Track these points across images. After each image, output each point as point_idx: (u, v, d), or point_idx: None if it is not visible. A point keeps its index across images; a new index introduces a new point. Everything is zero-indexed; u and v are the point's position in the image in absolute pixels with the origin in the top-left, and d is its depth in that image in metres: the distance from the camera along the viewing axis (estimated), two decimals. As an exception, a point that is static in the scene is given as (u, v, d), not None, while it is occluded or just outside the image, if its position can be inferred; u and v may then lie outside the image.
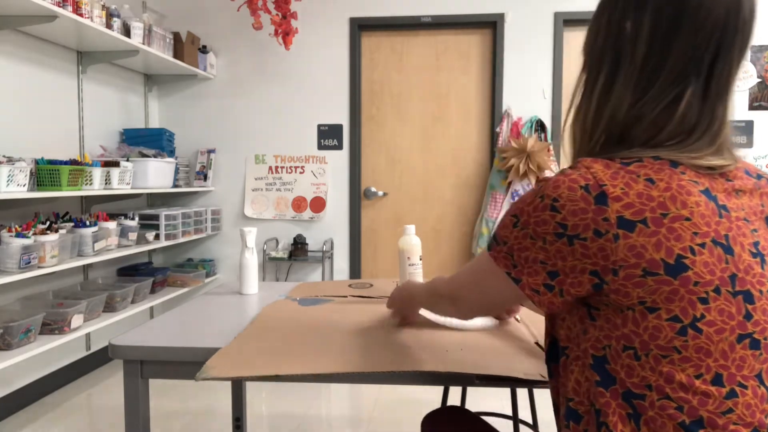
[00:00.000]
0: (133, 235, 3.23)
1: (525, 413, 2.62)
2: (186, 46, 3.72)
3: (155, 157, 3.49)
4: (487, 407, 2.75)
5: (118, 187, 3.09)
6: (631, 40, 0.79)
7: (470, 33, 3.96)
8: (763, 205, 0.79)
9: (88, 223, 2.85)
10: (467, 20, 3.89)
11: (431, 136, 4.03)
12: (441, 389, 3.00)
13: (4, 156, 2.50)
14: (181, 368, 1.18)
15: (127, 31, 3.18)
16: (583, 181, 0.73)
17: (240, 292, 1.71)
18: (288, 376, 1.03)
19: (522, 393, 2.84)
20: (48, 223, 2.63)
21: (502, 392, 2.95)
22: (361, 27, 3.98)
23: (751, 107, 3.72)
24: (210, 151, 4.09)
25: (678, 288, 0.69)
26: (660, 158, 0.75)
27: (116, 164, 3.08)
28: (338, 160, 4.03)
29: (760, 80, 3.70)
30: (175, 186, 3.78)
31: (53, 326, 2.60)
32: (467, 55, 3.97)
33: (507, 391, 2.94)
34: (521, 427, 2.25)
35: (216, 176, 4.13)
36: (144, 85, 3.98)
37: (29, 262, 2.37)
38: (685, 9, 0.75)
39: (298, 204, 4.08)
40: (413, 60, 4.01)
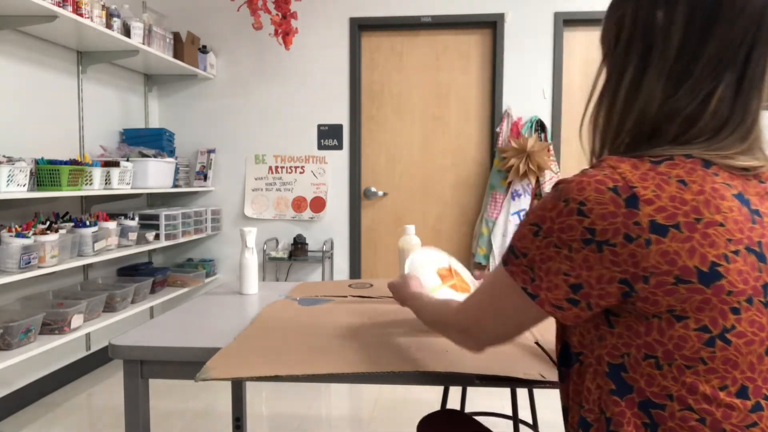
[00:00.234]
0: (133, 235, 3.23)
1: (525, 413, 2.62)
2: (186, 46, 3.72)
3: (155, 157, 3.49)
4: (487, 407, 2.75)
5: (118, 187, 3.09)
6: (664, 31, 0.74)
7: (470, 33, 3.96)
8: None
9: (88, 223, 2.85)
10: (467, 20, 3.89)
11: (431, 136, 4.03)
12: (441, 389, 3.00)
13: (4, 156, 2.50)
14: (181, 368, 1.18)
15: (127, 31, 3.18)
16: (611, 183, 0.69)
17: (240, 292, 1.71)
18: (288, 376, 1.03)
19: (522, 393, 2.84)
20: (48, 223, 2.63)
21: (502, 392, 2.95)
22: (361, 27, 3.98)
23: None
24: (210, 151, 4.09)
25: (710, 297, 0.66)
26: (692, 156, 0.71)
27: (116, 164, 3.08)
28: (338, 160, 4.03)
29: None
30: (175, 186, 3.78)
31: (53, 326, 2.60)
32: (467, 55, 3.97)
33: (507, 391, 2.94)
34: (521, 427, 2.25)
35: (216, 176, 4.13)
36: (144, 85, 3.98)
37: (29, 262, 2.37)
38: (722, 0, 0.72)
39: (298, 204, 4.08)
40: (413, 60, 4.01)
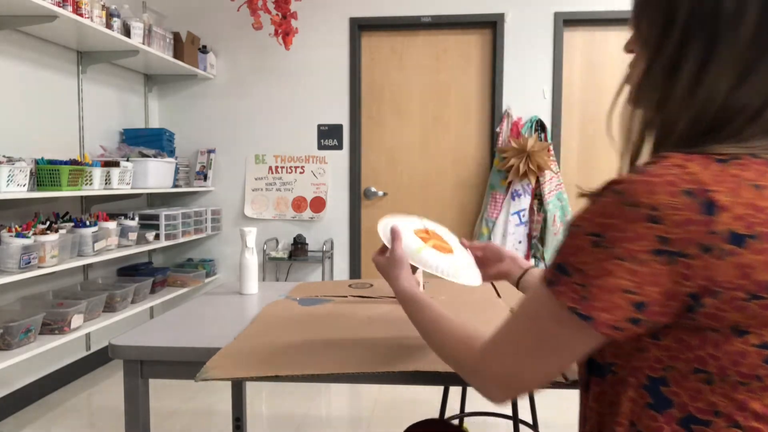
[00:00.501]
0: (133, 235, 3.23)
1: (525, 413, 2.62)
2: (186, 46, 3.72)
3: (155, 157, 3.49)
4: (487, 407, 2.75)
5: (118, 187, 3.09)
6: (734, 21, 0.66)
7: (470, 33, 3.96)
8: None
9: (88, 223, 2.85)
10: (467, 20, 3.89)
11: (431, 136, 4.03)
12: (441, 389, 3.00)
13: (4, 156, 2.50)
14: (181, 368, 1.18)
15: (127, 31, 3.18)
16: (684, 185, 0.61)
17: (240, 292, 1.71)
18: (288, 376, 1.03)
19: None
20: (48, 223, 2.63)
21: (502, 392, 2.95)
22: (361, 27, 3.98)
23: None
24: (210, 151, 4.09)
25: None
26: (758, 156, 0.65)
27: (116, 164, 3.08)
28: (338, 160, 4.03)
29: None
30: (175, 186, 3.78)
31: (53, 326, 2.60)
32: (467, 55, 3.97)
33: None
34: (521, 427, 2.26)
35: (216, 176, 4.13)
36: (144, 85, 3.98)
37: (29, 262, 2.37)
38: None
39: (298, 204, 4.08)
40: (413, 60, 4.01)
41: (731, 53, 0.66)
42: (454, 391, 2.91)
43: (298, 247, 3.90)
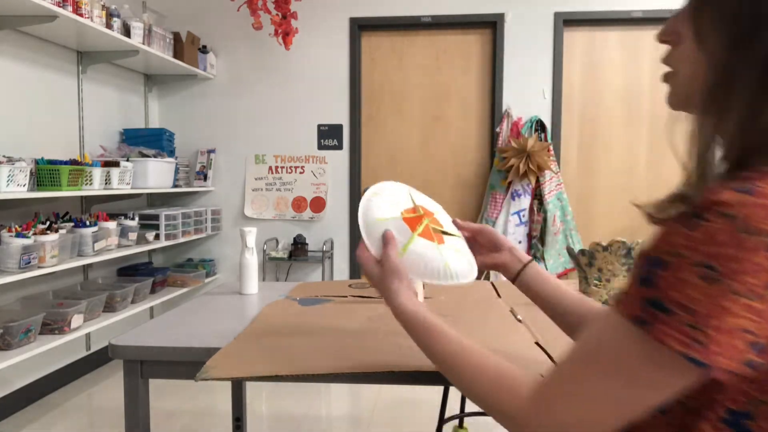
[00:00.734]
0: (133, 235, 3.23)
1: (525, 413, 2.62)
2: (186, 46, 3.72)
3: (155, 157, 3.49)
4: (487, 407, 2.75)
5: (118, 187, 3.09)
6: None
7: (470, 33, 3.96)
8: None
9: (88, 223, 2.85)
10: (467, 20, 3.89)
11: (431, 136, 4.03)
12: (441, 389, 3.00)
13: (4, 156, 2.50)
14: (181, 368, 1.18)
15: (127, 31, 3.18)
16: None
17: (240, 292, 1.71)
18: (288, 376, 1.03)
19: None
20: (48, 223, 2.63)
21: (502, 392, 2.95)
22: (361, 27, 3.98)
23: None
24: (210, 151, 4.09)
25: None
26: None
27: (116, 164, 3.08)
28: (338, 160, 4.03)
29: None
30: (175, 186, 3.78)
31: (53, 326, 2.60)
32: (467, 55, 3.97)
33: (507, 391, 2.93)
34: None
35: (216, 176, 4.13)
36: (144, 85, 3.98)
37: (29, 262, 2.37)
38: None
39: (298, 204, 4.08)
40: (413, 60, 4.01)
41: None
42: (454, 391, 2.91)
43: (298, 247, 3.90)
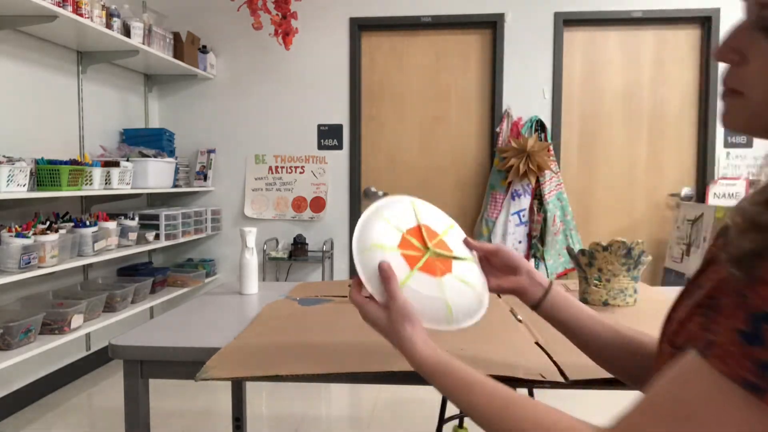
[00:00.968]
0: (133, 235, 3.23)
1: (525, 413, 2.62)
2: (186, 46, 3.72)
3: (155, 157, 3.49)
4: (487, 407, 2.75)
5: (118, 187, 3.09)
6: None
7: (470, 33, 3.96)
8: None
9: (88, 223, 2.85)
10: (467, 20, 3.89)
11: (431, 136, 4.03)
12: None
13: (4, 156, 2.50)
14: (181, 368, 1.18)
15: (127, 31, 3.18)
16: None
17: (240, 292, 1.71)
18: (288, 376, 1.03)
19: (522, 393, 2.84)
20: (48, 223, 2.63)
21: (502, 392, 2.95)
22: (361, 27, 3.98)
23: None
24: (210, 151, 4.09)
25: None
26: None
27: (116, 164, 3.08)
28: (338, 160, 4.03)
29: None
30: (175, 186, 3.78)
31: (53, 326, 2.60)
32: (467, 55, 3.97)
33: (507, 391, 2.94)
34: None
35: (216, 176, 4.13)
36: (144, 85, 3.98)
37: (29, 262, 2.37)
38: None
39: (298, 204, 4.08)
40: (413, 60, 4.01)
41: None
42: (454, 391, 2.91)
43: (298, 247, 3.90)
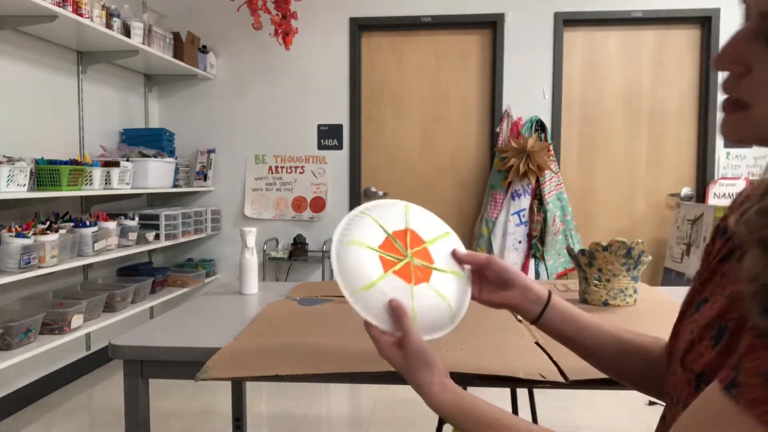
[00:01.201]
0: (133, 235, 3.23)
1: (525, 413, 2.62)
2: (186, 46, 3.72)
3: (155, 157, 3.49)
4: (487, 407, 2.75)
5: (118, 187, 3.09)
6: None
7: (470, 33, 3.96)
8: None
9: (88, 223, 2.85)
10: (467, 20, 3.89)
11: (431, 136, 4.03)
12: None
13: (4, 156, 2.50)
14: (181, 368, 1.18)
15: (127, 31, 3.18)
16: None
17: (240, 292, 1.71)
18: (288, 376, 1.03)
19: (522, 393, 2.84)
20: (48, 223, 2.62)
21: (502, 392, 2.95)
22: (361, 27, 3.98)
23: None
24: (210, 151, 4.09)
25: None
26: None
27: (116, 164, 3.08)
28: (338, 160, 4.03)
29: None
30: (175, 186, 3.78)
31: (53, 326, 2.60)
32: (467, 55, 3.97)
33: (507, 391, 2.94)
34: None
35: (216, 176, 4.13)
36: (144, 85, 3.98)
37: (29, 262, 2.37)
38: None
39: (298, 204, 4.08)
40: (413, 60, 4.01)
41: None
42: (454, 391, 2.91)
43: (298, 247, 3.90)
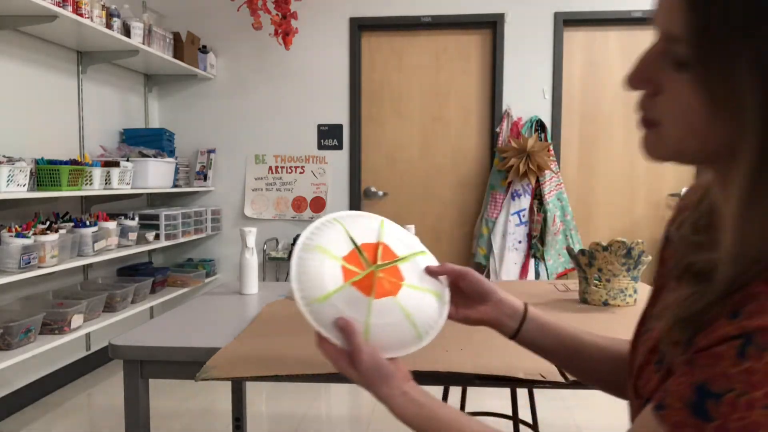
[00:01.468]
0: (133, 235, 3.23)
1: (525, 413, 2.62)
2: (186, 46, 3.72)
3: (155, 157, 3.49)
4: (487, 407, 2.75)
5: (118, 187, 3.09)
6: None
7: (470, 33, 3.96)
8: None
9: (88, 223, 2.85)
10: (467, 20, 3.89)
11: (431, 136, 4.03)
12: (441, 389, 3.00)
13: (4, 156, 2.50)
14: (181, 368, 1.18)
15: (127, 31, 3.18)
16: None
17: (240, 292, 1.71)
18: (288, 376, 1.03)
19: (522, 393, 2.84)
20: (48, 223, 2.63)
21: (502, 392, 2.95)
22: (361, 27, 3.98)
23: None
24: (210, 151, 4.09)
25: None
26: None
27: (116, 164, 3.08)
28: (338, 160, 4.03)
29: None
30: (175, 186, 3.78)
31: (53, 326, 2.60)
32: (467, 55, 3.97)
33: (507, 391, 2.94)
34: (521, 427, 2.25)
35: (216, 176, 4.13)
36: (144, 85, 3.98)
37: (29, 262, 2.37)
38: None
39: (298, 204, 4.08)
40: (413, 60, 4.01)
41: None
42: (454, 391, 2.91)
43: (298, 247, 3.90)
